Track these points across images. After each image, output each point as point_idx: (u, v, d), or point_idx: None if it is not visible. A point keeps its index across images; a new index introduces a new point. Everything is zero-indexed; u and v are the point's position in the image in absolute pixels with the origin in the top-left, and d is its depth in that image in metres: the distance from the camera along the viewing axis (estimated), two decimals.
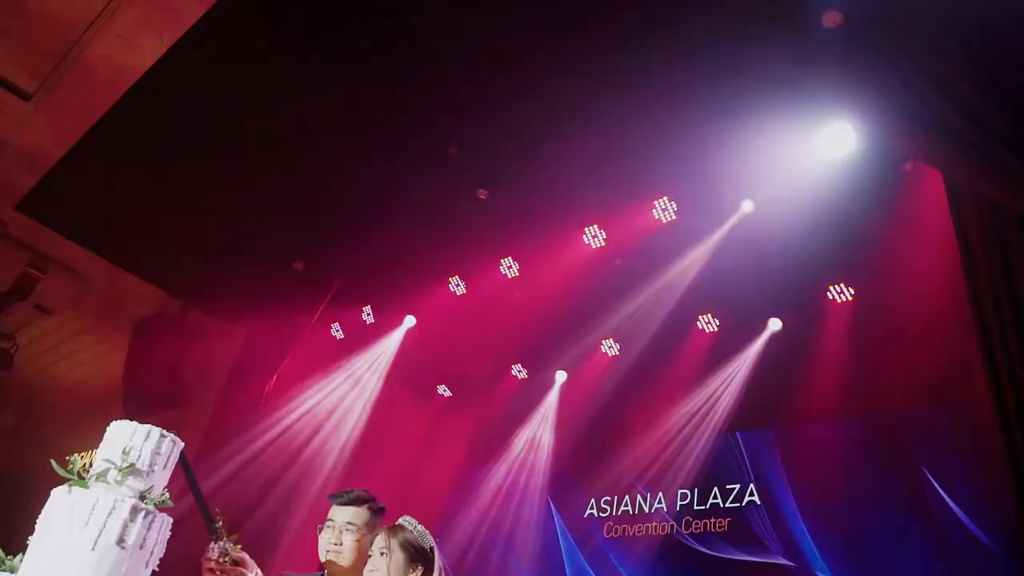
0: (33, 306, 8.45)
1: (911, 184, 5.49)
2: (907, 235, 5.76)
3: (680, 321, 7.15)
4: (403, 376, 8.63)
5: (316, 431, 7.74)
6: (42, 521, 2.16)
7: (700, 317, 7.20)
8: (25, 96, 6.53)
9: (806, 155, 5.37)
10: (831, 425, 6.42)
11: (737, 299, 6.75)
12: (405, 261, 7.35)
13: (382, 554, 2.73)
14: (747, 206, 5.99)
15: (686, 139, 5.53)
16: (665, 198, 6.25)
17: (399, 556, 2.73)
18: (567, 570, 7.36)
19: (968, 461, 5.39)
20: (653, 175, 6.03)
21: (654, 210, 6.29)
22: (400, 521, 2.86)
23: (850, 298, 6.47)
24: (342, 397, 7.96)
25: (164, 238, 7.60)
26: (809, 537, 6.07)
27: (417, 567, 2.75)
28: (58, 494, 2.18)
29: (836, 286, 6.51)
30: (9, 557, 2.15)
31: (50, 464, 2.18)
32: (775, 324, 6.87)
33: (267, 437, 7.54)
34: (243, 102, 6.14)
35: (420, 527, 2.86)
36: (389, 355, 7.91)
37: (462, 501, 8.10)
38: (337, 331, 8.46)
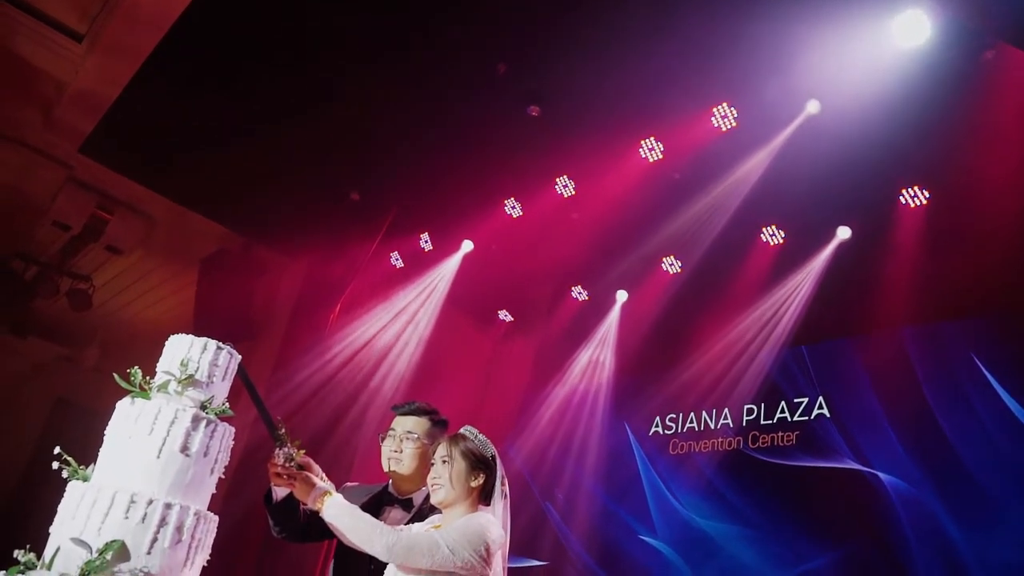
0: (105, 247, 8.73)
1: (992, 75, 5.11)
2: (987, 132, 5.40)
3: (743, 234, 6.94)
4: (464, 303, 8.67)
5: (379, 360, 7.88)
6: (109, 432, 2.22)
7: (764, 229, 6.96)
8: (78, 38, 6.61)
9: (876, 47, 5.02)
10: (902, 335, 6.20)
11: (803, 208, 6.48)
12: (459, 185, 7.28)
13: (444, 462, 2.74)
14: (812, 106, 5.68)
15: (745, 38, 5.24)
16: (724, 104, 5.98)
17: (461, 464, 2.73)
18: (644, 486, 7.38)
19: None
20: (710, 80, 5.76)
21: (713, 118, 6.03)
22: (462, 430, 2.86)
23: (924, 202, 6.15)
24: (404, 325, 8.05)
25: (222, 174, 7.67)
26: (880, 446, 5.93)
27: (479, 475, 2.75)
28: (122, 406, 2.24)
29: (909, 189, 6.18)
30: (82, 467, 2.22)
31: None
32: (843, 232, 6.59)
33: (332, 367, 7.70)
34: (293, 33, 6.07)
35: (481, 436, 2.85)
36: (447, 281, 7.92)
37: (527, 424, 8.18)
38: (396, 260, 8.50)
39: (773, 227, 6.95)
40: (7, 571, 1.98)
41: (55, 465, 2.19)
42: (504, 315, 9.06)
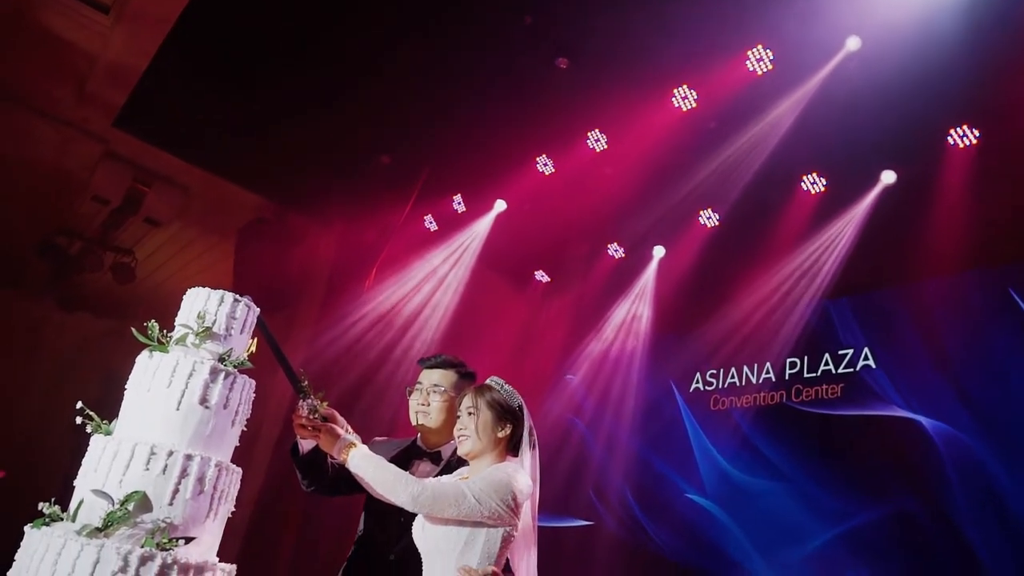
0: (144, 220, 8.85)
1: None
2: None
3: (782, 183, 6.74)
4: (500, 264, 8.63)
5: (413, 321, 7.89)
6: (129, 386, 2.22)
7: (804, 177, 6.74)
8: (104, 9, 6.62)
9: None
10: (951, 281, 5.98)
11: (844, 153, 6.25)
12: (490, 144, 7.18)
13: (469, 413, 2.70)
14: (852, 43, 5.42)
15: None
16: (759, 46, 5.75)
17: (487, 415, 2.69)
18: (685, 442, 7.30)
19: None
20: (744, 21, 5.54)
21: (747, 61, 5.81)
22: (488, 381, 2.82)
23: (974, 142, 5.87)
24: (437, 286, 8.03)
25: (254, 143, 7.68)
26: (928, 395, 5.76)
27: (505, 425, 2.71)
28: (141, 359, 2.24)
29: (957, 129, 5.91)
30: (104, 422, 2.23)
31: None
32: (888, 177, 6.35)
33: (367, 329, 7.75)
34: None
35: (508, 387, 2.81)
36: (480, 240, 7.86)
37: (565, 383, 8.14)
38: (430, 223, 8.46)
39: (814, 174, 6.73)
40: (32, 523, 2.00)
41: (78, 420, 2.20)
42: (541, 276, 8.98)
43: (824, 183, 6.71)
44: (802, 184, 6.77)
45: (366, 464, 2.56)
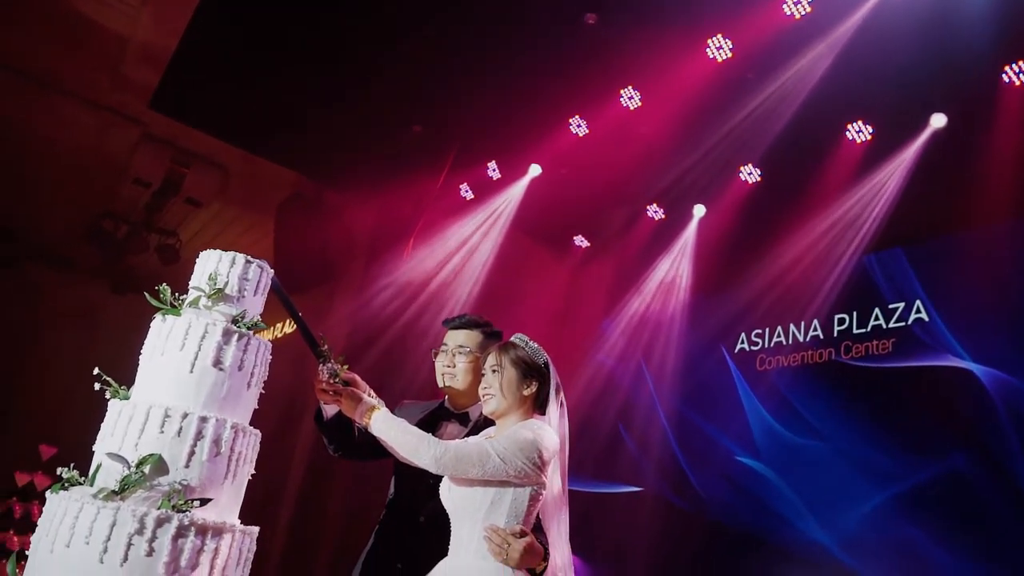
0: (184, 200, 8.97)
1: None
2: None
3: (826, 133, 6.49)
4: (538, 230, 8.54)
5: (453, 290, 7.87)
6: (144, 350, 2.22)
7: (849, 126, 6.47)
8: None
9: None
10: (1006, 228, 5.69)
11: (890, 97, 5.96)
12: (521, 108, 7.05)
13: (493, 371, 2.64)
14: None
15: None
16: None
17: (511, 372, 2.63)
18: (734, 404, 7.16)
19: None
20: None
21: (784, 5, 5.56)
22: (512, 338, 2.75)
23: None
24: (475, 255, 7.99)
25: (286, 119, 7.70)
26: (985, 346, 5.52)
27: (531, 383, 2.64)
28: (155, 323, 2.22)
29: (1013, 66, 5.59)
30: (123, 388, 2.23)
31: None
32: (938, 120, 6.05)
33: (406, 300, 7.76)
34: None
35: (533, 344, 2.74)
36: (514, 205, 7.78)
37: (605, 346, 8.05)
38: (466, 192, 8.39)
39: (859, 123, 6.45)
40: (51, 487, 2.01)
41: (96, 386, 2.21)
42: (580, 240, 8.86)
43: (870, 131, 6.43)
44: (847, 133, 6.51)
45: (388, 427, 2.53)
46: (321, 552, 7.56)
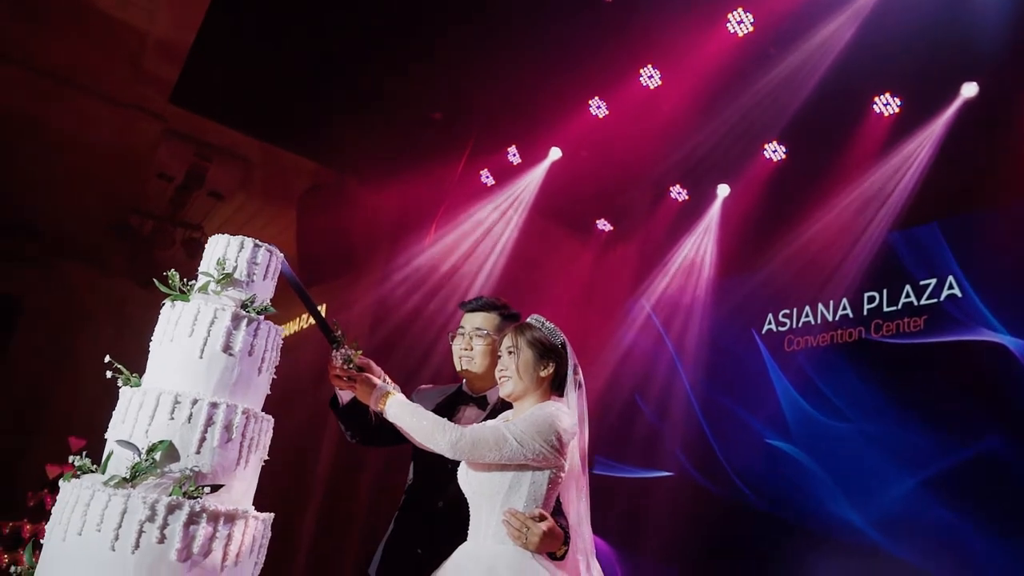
0: (208, 194, 9.02)
1: None
2: None
3: (852, 107, 6.34)
4: (559, 215, 8.47)
5: (476, 276, 7.84)
6: (154, 337, 2.20)
7: (876, 99, 6.31)
8: None
9: None
10: None
11: (918, 67, 5.79)
12: (540, 91, 7.00)
13: (510, 353, 2.60)
14: None
15: None
16: None
17: (527, 354, 2.58)
18: (767, 385, 7.04)
19: None
20: None
21: None
22: (528, 319, 2.71)
23: None
24: (498, 241, 7.95)
25: (306, 109, 7.70)
26: (1020, 320, 5.36)
27: (547, 364, 2.59)
28: (164, 310, 2.21)
29: None
30: (135, 376, 2.22)
31: None
32: (969, 89, 5.86)
33: (429, 287, 7.74)
34: None
35: (549, 324, 2.69)
36: (534, 188, 7.72)
37: (630, 330, 7.97)
38: (487, 178, 8.34)
39: (887, 95, 6.29)
40: (63, 476, 2.00)
41: (108, 374, 2.20)
42: (603, 224, 8.77)
43: (898, 103, 6.27)
44: (874, 106, 6.35)
45: (403, 412, 2.49)
46: (349, 539, 7.61)
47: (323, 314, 2.67)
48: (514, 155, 8.00)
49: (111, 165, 8.77)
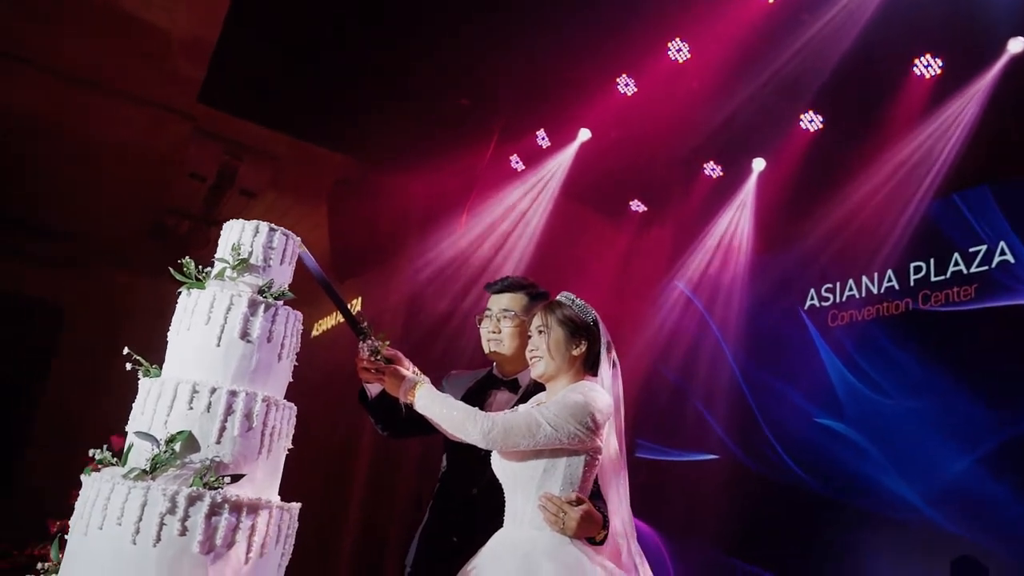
0: (239, 192, 9.06)
1: None
2: None
3: (891, 71, 6.10)
4: (591, 197, 8.34)
5: (507, 261, 7.76)
6: (171, 327, 2.16)
7: (916, 60, 6.06)
8: None
9: None
10: None
11: (960, 25, 5.54)
12: (566, 71, 6.85)
13: (540, 332, 2.51)
14: None
15: None
16: None
17: (558, 332, 2.49)
18: (812, 363, 6.85)
19: None
20: None
21: None
22: (558, 297, 2.61)
23: None
24: (529, 226, 7.86)
25: (332, 103, 7.66)
26: None
27: (579, 342, 2.50)
28: (180, 299, 2.16)
29: None
30: (154, 367, 2.18)
31: None
32: (1015, 45, 5.59)
33: (462, 275, 7.69)
34: None
35: (579, 301, 2.59)
36: (563, 170, 7.59)
37: (673, 311, 7.82)
38: (517, 163, 8.23)
39: (927, 56, 6.04)
40: (84, 470, 1.97)
41: (128, 366, 2.16)
42: (636, 205, 8.61)
43: (939, 64, 6.01)
44: (915, 69, 6.10)
45: (432, 404, 2.42)
46: (393, 529, 7.61)
47: (358, 307, 2.62)
48: (543, 139, 7.88)
49: (144, 168, 8.85)
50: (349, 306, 2.70)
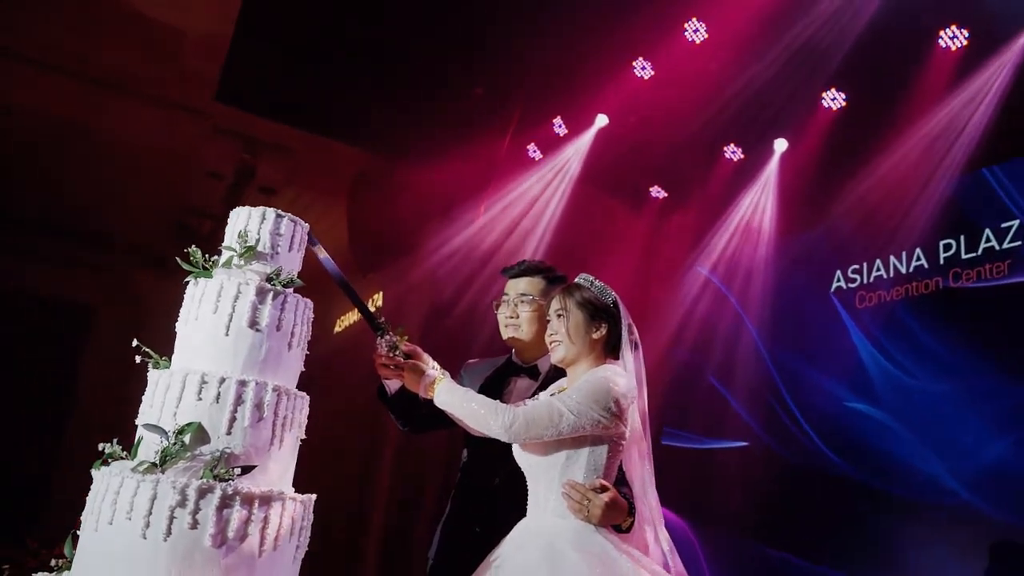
0: (258, 190, 9.07)
1: None
2: None
3: (915, 43, 5.93)
4: (611, 184, 8.24)
5: (525, 250, 7.69)
6: (180, 318, 2.12)
7: (941, 32, 5.89)
8: None
9: None
10: None
11: None
12: (581, 56, 6.75)
13: (559, 316, 2.45)
14: None
15: None
16: None
17: (577, 315, 2.42)
18: (842, 345, 6.70)
19: None
20: None
21: None
22: (576, 279, 2.55)
23: None
24: (550, 215, 7.78)
25: (349, 95, 7.63)
26: None
27: (600, 325, 2.43)
28: (188, 289, 2.12)
29: None
30: (164, 359, 2.14)
31: None
32: None
33: (481, 264, 7.64)
34: None
35: (599, 283, 2.52)
36: (581, 156, 7.50)
37: (698, 297, 7.71)
38: (535, 152, 8.15)
39: (953, 27, 5.86)
40: (93, 464, 1.93)
41: (137, 359, 2.13)
42: (656, 191, 8.49)
43: (965, 35, 5.84)
44: (939, 41, 5.93)
45: (453, 399, 2.36)
46: (419, 524, 7.59)
47: (379, 302, 2.58)
48: (560, 126, 7.79)
49: (165, 168, 8.88)
50: (368, 302, 2.66)
